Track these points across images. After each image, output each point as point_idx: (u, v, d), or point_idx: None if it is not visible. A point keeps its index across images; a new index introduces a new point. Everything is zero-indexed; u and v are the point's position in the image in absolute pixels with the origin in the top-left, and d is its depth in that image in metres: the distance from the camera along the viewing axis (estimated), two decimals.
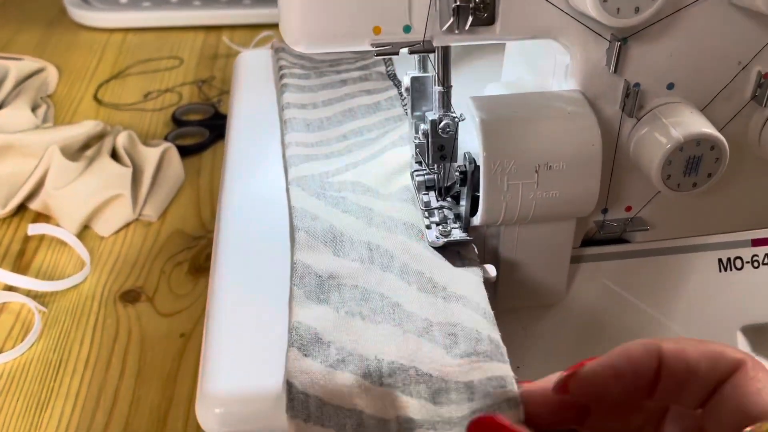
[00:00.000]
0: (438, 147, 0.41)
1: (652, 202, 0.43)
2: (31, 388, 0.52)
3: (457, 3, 0.35)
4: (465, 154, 0.41)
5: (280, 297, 0.38)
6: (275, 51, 0.64)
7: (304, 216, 0.43)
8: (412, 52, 0.37)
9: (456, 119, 0.40)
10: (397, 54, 0.36)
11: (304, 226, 0.42)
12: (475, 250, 0.40)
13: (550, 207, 0.39)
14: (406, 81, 0.45)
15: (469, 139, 0.40)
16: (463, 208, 0.41)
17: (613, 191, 0.42)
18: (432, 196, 0.43)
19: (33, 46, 1.01)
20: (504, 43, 0.51)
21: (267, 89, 0.60)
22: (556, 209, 0.39)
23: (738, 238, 0.45)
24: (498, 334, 0.35)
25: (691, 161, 0.37)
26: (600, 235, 0.44)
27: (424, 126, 0.41)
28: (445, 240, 0.40)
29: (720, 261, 0.45)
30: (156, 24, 1.05)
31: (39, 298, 0.60)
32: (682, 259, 0.45)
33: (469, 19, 0.35)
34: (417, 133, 0.44)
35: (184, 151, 0.77)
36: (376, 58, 0.59)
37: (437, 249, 0.40)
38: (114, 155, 0.71)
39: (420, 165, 0.44)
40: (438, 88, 0.40)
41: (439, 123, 0.40)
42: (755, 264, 0.45)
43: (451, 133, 0.40)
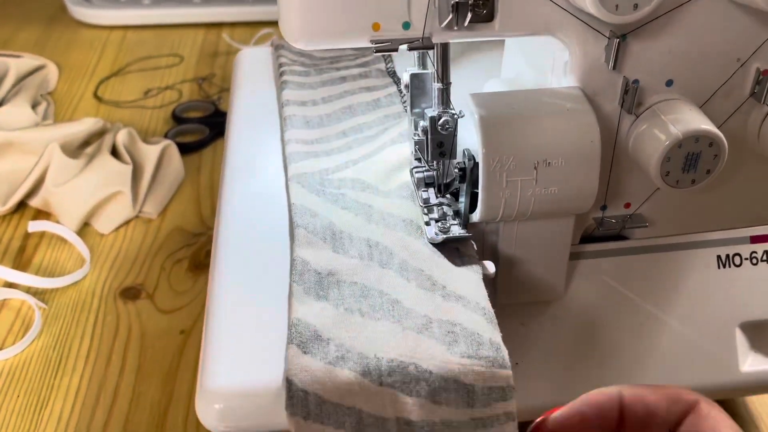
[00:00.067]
0: (437, 144, 0.41)
1: (651, 199, 0.43)
2: (32, 385, 0.52)
3: (456, 0, 0.35)
4: (464, 151, 0.41)
5: (280, 293, 0.39)
6: (275, 48, 0.64)
7: (304, 213, 0.43)
8: (411, 49, 0.37)
9: (455, 116, 0.40)
10: (396, 51, 0.36)
11: (304, 223, 0.42)
12: (474, 247, 0.41)
13: (549, 204, 0.39)
14: (405, 78, 0.45)
15: (468, 136, 0.40)
16: (463, 204, 0.41)
17: (612, 188, 0.42)
18: (431, 192, 0.43)
19: (33, 44, 1.01)
20: (503, 39, 0.51)
21: (267, 86, 0.60)
22: (555, 206, 0.39)
23: (737, 235, 0.45)
24: (499, 336, 0.35)
25: (690, 158, 0.37)
26: (599, 232, 0.44)
27: (424, 123, 0.41)
28: (444, 236, 0.40)
29: (719, 258, 0.45)
30: (156, 21, 1.05)
31: (39, 294, 0.60)
32: (680, 256, 0.45)
33: (468, 15, 0.35)
34: (416, 130, 0.44)
35: (184, 149, 0.77)
36: (375, 55, 0.59)
37: (436, 245, 0.40)
38: (114, 152, 0.71)
39: (419, 162, 0.45)
40: (437, 84, 0.40)
41: (439, 120, 0.40)
42: (754, 261, 0.45)
43: (450, 129, 0.40)
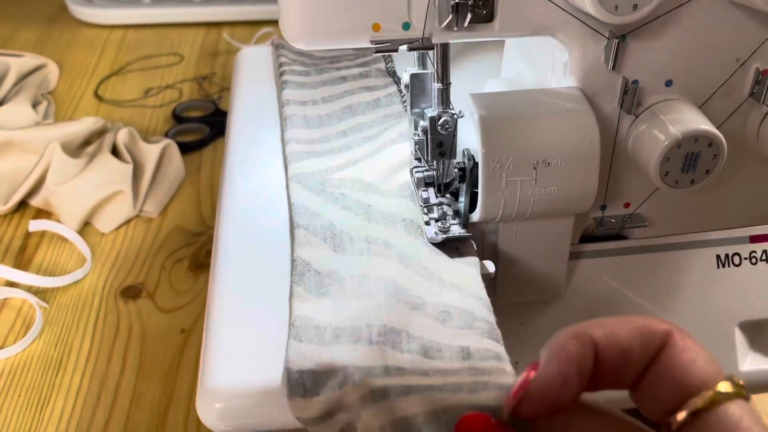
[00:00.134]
0: (437, 144, 0.41)
1: (651, 199, 0.43)
2: (33, 384, 0.53)
3: (456, 0, 0.35)
4: (464, 151, 0.41)
5: (280, 293, 0.39)
6: (275, 48, 0.64)
7: (304, 212, 0.43)
8: (411, 49, 0.37)
9: (455, 116, 0.40)
10: (396, 51, 0.37)
11: (304, 223, 0.42)
12: (474, 246, 0.41)
13: (549, 203, 0.39)
14: (405, 78, 0.45)
15: (468, 136, 0.40)
16: (462, 204, 0.41)
17: (612, 188, 0.42)
18: (431, 192, 0.44)
19: (33, 43, 1.01)
20: (503, 40, 0.51)
21: (267, 86, 0.60)
22: (555, 206, 0.39)
23: (736, 235, 0.45)
24: (494, 318, 0.35)
25: (689, 158, 0.37)
26: (598, 232, 0.44)
27: (424, 123, 0.41)
28: (444, 236, 0.40)
29: (718, 257, 0.45)
30: (156, 21, 1.05)
31: (40, 294, 0.60)
32: (680, 256, 0.45)
33: (468, 16, 0.35)
34: (416, 130, 0.44)
35: (185, 148, 0.77)
36: (375, 55, 0.59)
37: (436, 245, 0.40)
38: (114, 152, 0.71)
39: (419, 161, 0.45)
40: (437, 85, 0.40)
41: (439, 120, 0.40)
42: (753, 260, 0.45)
43: (450, 129, 0.40)
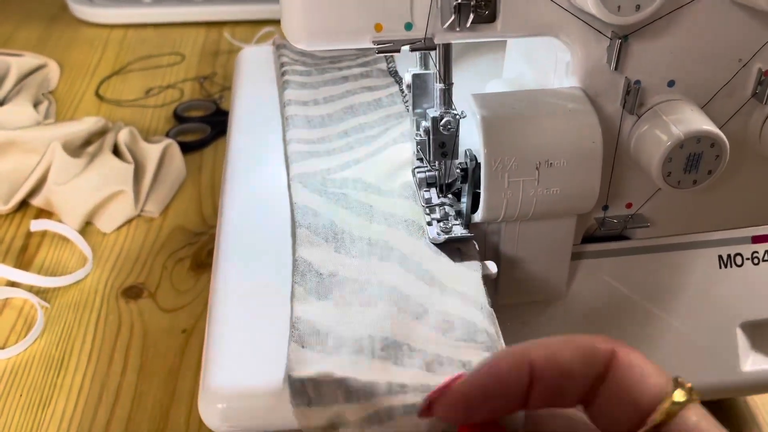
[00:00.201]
0: (439, 144, 0.41)
1: (653, 199, 0.43)
2: (34, 384, 0.53)
3: (459, 0, 0.35)
4: (466, 151, 0.41)
5: (282, 293, 0.39)
6: (277, 48, 0.64)
7: (306, 212, 0.43)
8: (413, 50, 0.37)
9: (457, 116, 0.40)
10: (398, 51, 0.37)
11: (306, 223, 0.42)
12: (476, 247, 0.41)
13: (551, 204, 0.39)
14: (407, 78, 0.45)
15: (470, 136, 0.40)
16: (464, 204, 0.41)
17: (614, 188, 0.42)
18: (433, 192, 0.43)
19: (34, 42, 1.01)
20: (505, 40, 0.51)
21: (268, 86, 0.60)
22: (557, 206, 0.39)
23: (738, 235, 0.45)
24: (495, 329, 0.35)
25: (692, 158, 0.37)
26: (600, 232, 0.44)
27: (426, 123, 0.41)
28: (446, 237, 0.40)
29: (720, 258, 0.45)
30: (157, 20, 1.05)
31: (41, 294, 0.60)
32: (682, 256, 0.45)
33: (471, 16, 0.35)
34: (418, 130, 0.44)
35: (186, 148, 0.77)
36: (377, 55, 0.59)
37: (438, 246, 0.40)
38: (116, 151, 0.71)
39: (421, 162, 0.45)
40: (439, 85, 0.40)
41: (441, 120, 0.40)
42: (755, 261, 0.45)
43: (452, 130, 0.40)
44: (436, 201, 0.43)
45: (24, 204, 0.70)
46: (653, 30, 0.37)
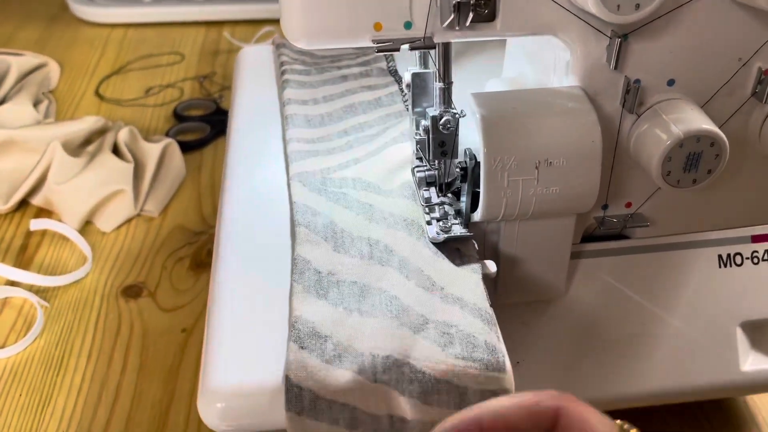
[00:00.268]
0: (439, 143, 0.41)
1: (652, 198, 0.43)
2: (34, 383, 0.53)
3: None
4: (466, 150, 0.41)
5: (282, 292, 0.39)
6: (276, 47, 0.64)
7: (305, 211, 0.43)
8: (413, 49, 0.37)
9: (457, 115, 0.40)
10: (398, 50, 0.36)
11: (305, 222, 0.42)
12: (476, 246, 0.41)
13: (551, 203, 0.39)
14: (407, 77, 0.45)
15: (469, 135, 0.40)
16: (464, 204, 0.41)
17: (614, 187, 0.42)
18: (433, 192, 0.43)
19: (34, 42, 1.01)
20: (504, 39, 0.51)
21: (268, 85, 0.60)
22: (557, 205, 0.39)
23: (738, 234, 0.45)
24: (495, 336, 0.35)
25: (691, 157, 0.37)
26: (600, 231, 0.44)
27: (425, 122, 0.41)
28: (445, 236, 0.40)
29: (720, 257, 0.45)
30: (157, 19, 1.05)
31: (41, 293, 0.60)
32: (682, 255, 0.45)
33: (470, 15, 0.35)
34: (418, 129, 0.44)
35: (186, 147, 0.77)
36: (377, 54, 0.59)
37: (437, 245, 0.40)
38: (115, 151, 0.71)
39: (421, 161, 0.45)
40: (439, 84, 0.40)
41: (440, 119, 0.40)
42: (755, 260, 0.45)
43: (451, 129, 0.40)
44: (435, 200, 0.43)
45: (24, 203, 0.70)
46: (653, 29, 0.37)
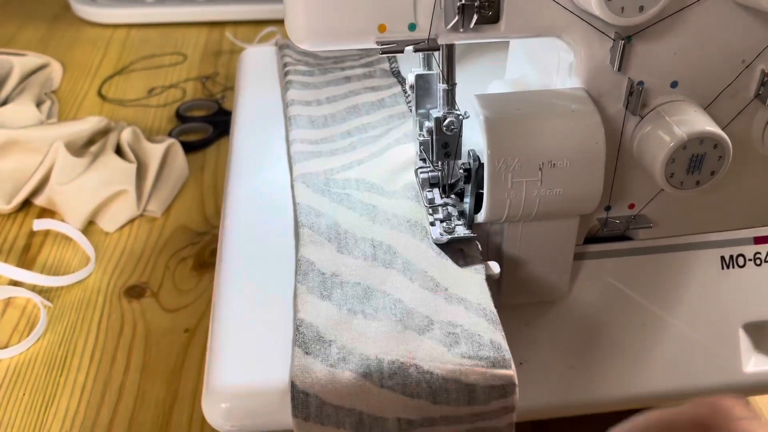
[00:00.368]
0: (442, 144, 0.41)
1: (655, 200, 0.43)
2: (37, 383, 0.53)
3: (462, 1, 0.35)
4: (469, 152, 0.41)
5: (286, 292, 0.39)
6: (279, 48, 0.64)
7: (309, 212, 0.43)
8: (417, 50, 0.37)
9: (460, 117, 0.40)
10: (401, 52, 0.37)
11: (309, 223, 0.42)
12: (479, 247, 0.41)
13: (554, 204, 0.39)
14: (410, 78, 0.45)
15: (473, 136, 0.40)
16: (467, 205, 0.41)
17: (617, 189, 0.42)
18: (436, 193, 0.44)
19: (37, 42, 1.01)
20: (508, 40, 0.51)
21: (271, 86, 0.60)
22: (560, 207, 0.39)
23: (740, 236, 0.45)
24: (500, 335, 0.35)
25: (695, 159, 0.37)
26: (603, 233, 0.44)
27: (429, 123, 0.41)
28: (449, 237, 0.40)
29: (722, 258, 0.45)
30: (160, 20, 1.05)
31: (44, 293, 0.60)
32: (684, 257, 0.45)
33: (474, 17, 0.35)
34: (421, 131, 0.44)
35: (188, 147, 0.77)
36: (380, 55, 0.59)
37: (441, 246, 0.40)
38: (118, 151, 0.71)
39: (424, 162, 0.45)
40: (442, 85, 0.40)
41: (444, 120, 0.40)
42: (758, 262, 0.45)
43: (455, 130, 0.40)
44: (439, 201, 0.43)
45: (27, 203, 0.70)
46: (656, 31, 0.37)
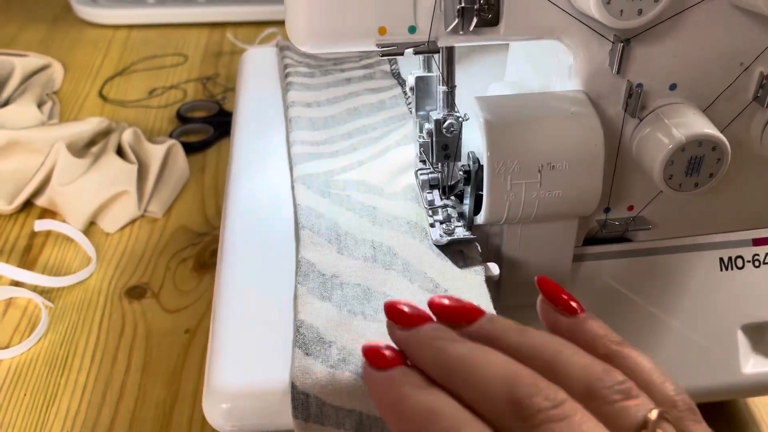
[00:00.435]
0: (442, 146, 0.41)
1: (654, 202, 0.43)
2: (38, 383, 0.53)
3: (462, 4, 0.35)
4: (469, 154, 0.41)
5: (286, 293, 0.39)
6: (280, 49, 0.64)
7: (309, 214, 0.43)
8: (417, 53, 0.37)
9: (460, 119, 0.40)
10: (402, 54, 0.37)
11: (309, 224, 0.42)
12: (479, 249, 0.41)
13: (553, 206, 0.39)
14: (410, 80, 0.45)
15: (473, 138, 0.40)
16: (467, 206, 0.41)
17: (616, 191, 0.42)
18: (436, 194, 0.44)
19: (38, 43, 1.01)
20: (507, 43, 0.51)
21: (272, 87, 0.60)
22: (559, 208, 0.40)
23: (739, 238, 0.45)
24: None
25: (693, 161, 0.38)
26: (602, 234, 0.44)
27: (429, 125, 0.42)
28: (448, 238, 0.40)
29: (721, 260, 0.45)
30: (161, 21, 1.05)
31: (45, 293, 0.60)
32: (683, 258, 0.45)
33: (474, 20, 0.36)
34: (421, 133, 0.44)
35: (189, 148, 0.77)
36: (380, 57, 0.59)
37: (440, 247, 0.41)
38: (119, 152, 0.72)
39: (424, 164, 0.45)
40: (442, 87, 0.40)
41: (444, 122, 0.40)
42: (756, 263, 0.45)
43: (455, 132, 0.41)
44: (438, 203, 0.43)
45: (28, 204, 0.70)
46: (655, 34, 0.37)
